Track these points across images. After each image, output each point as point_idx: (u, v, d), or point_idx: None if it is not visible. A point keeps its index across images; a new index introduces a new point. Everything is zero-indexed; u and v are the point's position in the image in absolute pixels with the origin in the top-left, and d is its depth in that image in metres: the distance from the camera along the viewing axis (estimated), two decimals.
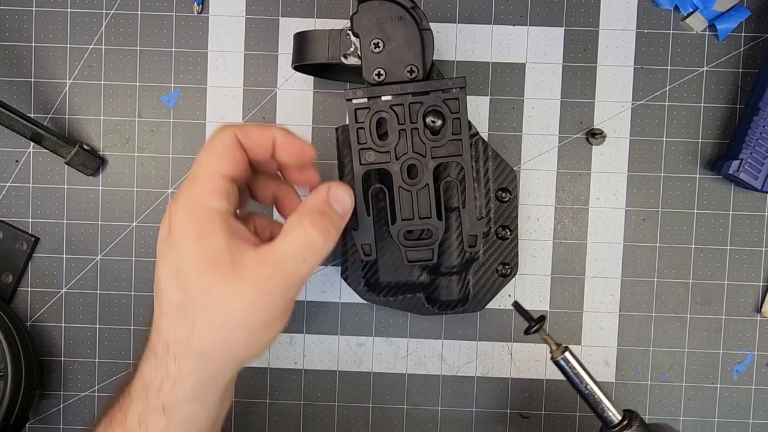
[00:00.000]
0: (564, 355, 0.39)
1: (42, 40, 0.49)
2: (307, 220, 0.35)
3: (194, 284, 0.33)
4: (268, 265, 0.34)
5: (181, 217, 0.34)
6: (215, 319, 0.33)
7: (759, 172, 0.46)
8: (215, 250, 0.33)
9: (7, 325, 0.47)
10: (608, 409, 0.38)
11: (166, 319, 0.34)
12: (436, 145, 0.41)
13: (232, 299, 0.33)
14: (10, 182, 0.50)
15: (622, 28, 0.49)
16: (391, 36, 0.41)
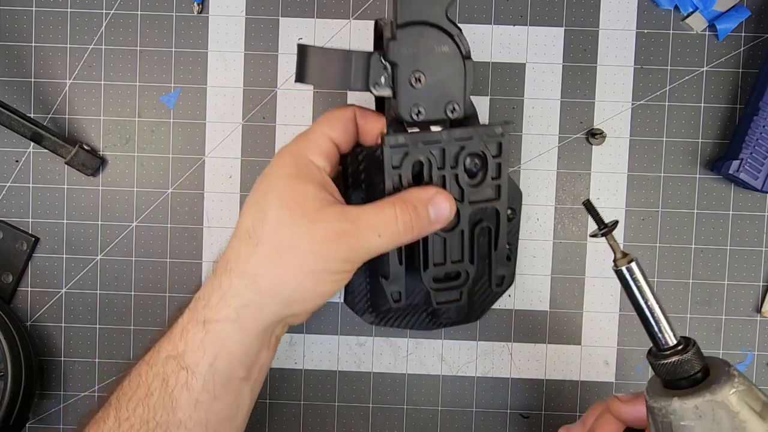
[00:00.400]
0: (629, 266, 0.33)
1: (42, 40, 0.49)
2: (398, 205, 0.36)
3: (272, 213, 0.35)
4: (346, 222, 0.35)
5: (284, 158, 0.37)
6: (277, 250, 0.35)
7: (759, 172, 0.46)
8: (303, 192, 0.35)
9: (7, 325, 0.47)
10: (665, 329, 0.34)
11: (235, 240, 0.36)
12: (474, 189, 0.38)
13: (301, 237, 0.35)
14: (10, 182, 0.50)
15: (622, 28, 0.49)
16: (433, 69, 0.36)
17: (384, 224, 0.35)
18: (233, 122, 0.49)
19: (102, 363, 0.50)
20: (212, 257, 0.50)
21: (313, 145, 0.38)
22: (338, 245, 0.35)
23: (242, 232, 0.36)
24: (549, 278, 0.50)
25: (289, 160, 0.37)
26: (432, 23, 0.35)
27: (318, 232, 0.35)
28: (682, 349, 0.33)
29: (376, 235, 0.35)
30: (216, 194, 0.50)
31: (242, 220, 0.37)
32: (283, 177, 0.36)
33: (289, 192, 0.35)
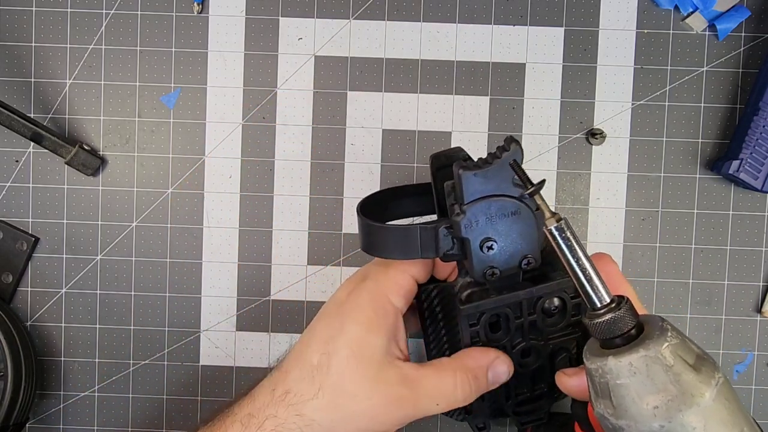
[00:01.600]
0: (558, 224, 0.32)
1: (42, 40, 0.49)
2: (459, 375, 0.36)
3: (338, 362, 0.35)
4: (406, 388, 0.35)
5: (363, 299, 0.36)
6: (337, 402, 0.35)
7: (759, 172, 0.46)
8: (373, 345, 0.35)
9: (7, 325, 0.47)
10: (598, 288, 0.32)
11: (298, 371, 0.36)
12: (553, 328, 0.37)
13: (360, 395, 0.35)
14: (10, 182, 0.50)
15: (622, 28, 0.49)
16: (505, 233, 0.34)
17: (443, 394, 0.36)
18: (233, 122, 0.49)
19: (102, 363, 0.50)
20: (212, 257, 0.50)
21: (393, 283, 0.36)
22: (395, 411, 0.35)
23: (306, 368, 0.36)
24: None
25: (368, 301, 0.36)
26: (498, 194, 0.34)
27: (377, 395, 0.35)
28: (615, 307, 0.32)
29: (434, 404, 0.36)
30: (216, 194, 0.50)
31: (309, 353, 0.36)
32: (357, 323, 0.35)
33: (359, 343, 0.35)
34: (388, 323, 0.36)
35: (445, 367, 0.36)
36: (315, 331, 0.37)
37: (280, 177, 0.50)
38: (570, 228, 0.33)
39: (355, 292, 0.37)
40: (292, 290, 0.50)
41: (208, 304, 0.50)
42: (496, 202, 0.34)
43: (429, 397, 0.36)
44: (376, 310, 0.36)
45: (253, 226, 0.50)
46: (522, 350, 0.37)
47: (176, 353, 0.50)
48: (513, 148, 0.33)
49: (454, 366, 0.36)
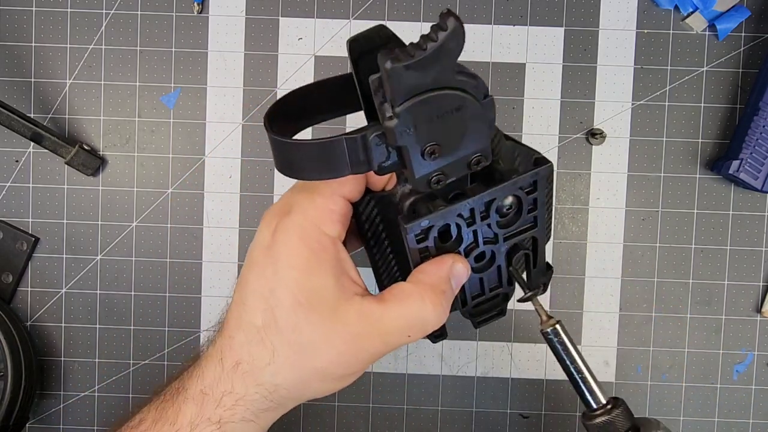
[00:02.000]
0: (554, 328, 0.34)
1: (42, 40, 0.49)
2: (428, 297, 0.32)
3: (285, 315, 0.31)
4: (371, 325, 0.31)
5: (292, 239, 0.31)
6: (297, 359, 0.31)
7: (759, 172, 0.46)
8: (319, 288, 0.31)
9: (7, 325, 0.47)
10: (594, 390, 0.34)
11: (243, 335, 0.32)
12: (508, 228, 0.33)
13: (321, 345, 0.31)
14: (10, 182, 0.50)
15: (622, 28, 0.49)
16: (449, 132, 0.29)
17: (413, 321, 0.32)
18: (233, 122, 0.49)
19: (102, 363, 0.50)
20: (212, 257, 0.50)
21: (324, 211, 0.32)
22: (362, 350, 0.32)
23: (252, 331, 0.32)
24: None
25: (298, 244, 0.31)
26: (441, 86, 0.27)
27: (339, 337, 0.31)
28: (610, 409, 0.34)
29: (405, 335, 0.32)
30: (216, 194, 0.50)
31: (248, 313, 0.32)
32: (294, 270, 0.31)
33: (302, 288, 0.31)
34: (329, 258, 0.31)
35: (407, 294, 0.32)
36: (248, 284, 0.32)
37: (280, 177, 0.50)
38: (565, 330, 0.34)
39: (281, 230, 0.31)
40: None
41: (208, 304, 0.50)
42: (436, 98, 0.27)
43: (398, 328, 0.32)
44: (311, 246, 0.31)
45: (253, 226, 0.50)
46: (476, 255, 0.34)
47: (176, 353, 0.50)
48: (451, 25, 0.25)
49: (418, 290, 0.32)
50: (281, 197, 0.33)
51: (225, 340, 0.33)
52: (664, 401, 0.50)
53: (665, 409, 0.50)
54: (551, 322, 0.35)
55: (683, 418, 0.50)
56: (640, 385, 0.50)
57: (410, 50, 0.26)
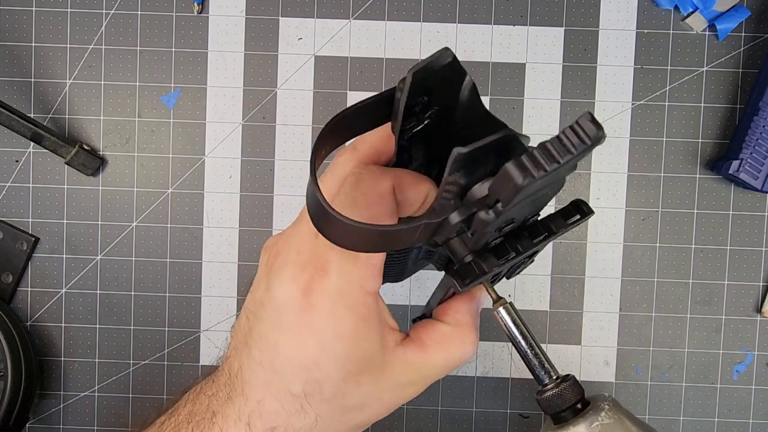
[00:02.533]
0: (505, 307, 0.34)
1: (42, 40, 0.49)
2: (467, 338, 0.32)
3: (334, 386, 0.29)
4: (415, 373, 0.31)
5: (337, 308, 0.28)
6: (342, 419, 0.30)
7: (759, 172, 0.46)
8: (368, 353, 0.29)
9: (7, 325, 0.47)
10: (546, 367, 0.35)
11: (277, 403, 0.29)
12: None
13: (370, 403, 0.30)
14: (10, 182, 0.50)
15: (622, 28, 0.49)
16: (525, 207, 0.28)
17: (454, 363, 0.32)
18: (233, 122, 0.49)
19: (102, 363, 0.50)
20: (212, 257, 0.50)
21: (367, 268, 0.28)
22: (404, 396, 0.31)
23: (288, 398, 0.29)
24: (549, 278, 0.50)
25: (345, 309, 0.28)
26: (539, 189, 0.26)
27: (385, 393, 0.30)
28: (559, 382, 0.35)
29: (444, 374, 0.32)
30: (216, 194, 0.50)
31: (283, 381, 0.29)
32: (341, 338, 0.28)
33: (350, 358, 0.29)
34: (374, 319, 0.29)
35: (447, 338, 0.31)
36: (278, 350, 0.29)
37: (280, 177, 0.50)
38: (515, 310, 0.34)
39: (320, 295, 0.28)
40: None
41: (208, 304, 0.50)
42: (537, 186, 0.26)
43: (440, 373, 0.31)
44: (359, 314, 0.28)
45: (253, 226, 0.50)
46: None
47: (176, 353, 0.50)
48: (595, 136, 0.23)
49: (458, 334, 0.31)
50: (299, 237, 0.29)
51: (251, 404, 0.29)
52: (664, 401, 0.50)
53: (665, 409, 0.50)
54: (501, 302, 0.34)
55: (683, 418, 0.50)
56: (640, 385, 0.50)
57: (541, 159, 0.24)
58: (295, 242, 0.29)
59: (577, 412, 0.35)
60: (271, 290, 0.29)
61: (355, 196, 0.28)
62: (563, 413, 0.35)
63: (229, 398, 0.30)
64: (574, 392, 0.35)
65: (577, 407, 0.35)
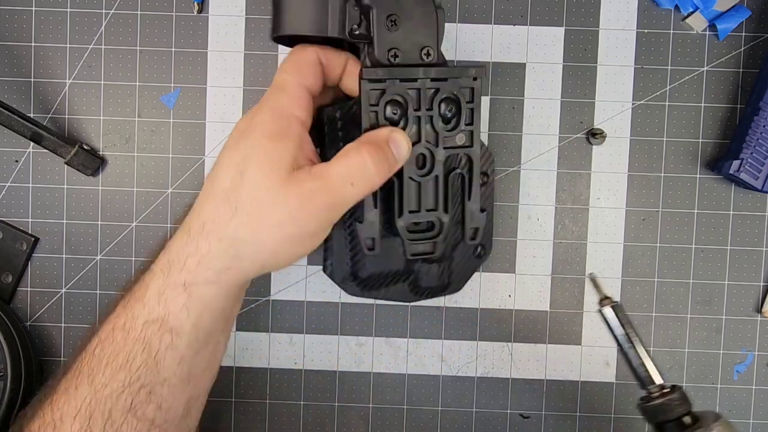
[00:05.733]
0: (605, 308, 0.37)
1: (42, 40, 0.49)
2: (364, 148, 0.36)
3: (251, 176, 0.35)
4: (318, 180, 0.35)
5: (266, 116, 0.36)
6: (257, 214, 0.35)
7: (759, 172, 0.46)
8: (283, 154, 0.35)
9: (6, 325, 0.47)
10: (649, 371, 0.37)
11: (210, 201, 0.36)
12: (448, 135, 0.39)
13: (277, 202, 0.35)
14: (10, 182, 0.50)
15: (622, 28, 0.49)
16: (407, 13, 0.37)
17: (354, 170, 0.36)
18: (233, 122, 0.49)
19: None
20: None
21: (292, 97, 0.37)
22: (313, 206, 0.35)
23: (219, 194, 0.36)
24: (549, 278, 0.50)
25: (270, 118, 0.36)
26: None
27: (292, 197, 0.35)
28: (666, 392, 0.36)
29: (348, 184, 0.36)
30: None
31: (219, 180, 0.36)
32: (264, 138, 0.36)
33: (268, 155, 0.35)
34: (294, 132, 0.36)
35: (348, 149, 0.36)
36: (222, 160, 0.37)
37: None
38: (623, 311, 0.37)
39: (257, 113, 0.37)
40: (292, 290, 0.50)
41: None
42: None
43: (341, 179, 0.36)
44: (280, 120, 0.36)
45: None
46: (417, 157, 0.39)
47: None
48: None
49: (355, 144, 0.36)
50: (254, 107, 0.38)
51: (192, 215, 0.37)
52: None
53: None
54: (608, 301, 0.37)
55: None
56: None
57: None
58: None
59: (683, 426, 0.35)
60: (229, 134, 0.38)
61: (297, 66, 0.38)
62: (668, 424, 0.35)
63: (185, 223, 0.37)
64: (683, 405, 0.35)
65: (683, 421, 0.35)
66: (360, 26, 0.37)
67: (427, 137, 0.39)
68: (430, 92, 0.38)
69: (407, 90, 0.38)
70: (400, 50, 0.37)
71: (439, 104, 0.39)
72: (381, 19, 0.37)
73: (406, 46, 0.38)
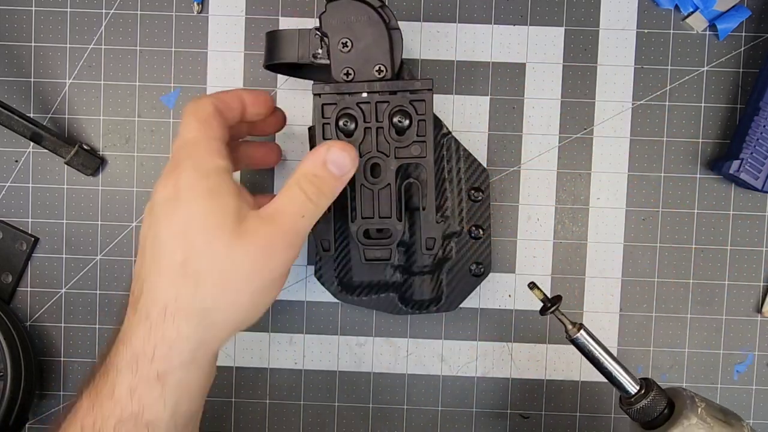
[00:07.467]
0: (580, 333, 0.39)
1: (42, 40, 0.49)
2: (302, 181, 0.36)
3: (202, 241, 0.33)
4: (270, 223, 0.35)
5: (191, 176, 0.34)
6: (221, 278, 0.33)
7: (759, 171, 0.46)
8: (225, 209, 0.34)
9: (6, 326, 0.47)
10: (626, 381, 0.39)
11: (164, 279, 0.33)
12: (401, 146, 0.41)
13: (238, 258, 0.33)
14: (10, 182, 0.50)
15: (622, 28, 0.49)
16: (359, 36, 0.40)
17: (299, 205, 0.36)
18: None
19: None
20: None
21: (208, 150, 0.36)
22: (273, 247, 0.35)
23: (173, 269, 0.33)
24: (549, 278, 0.50)
25: (197, 177, 0.34)
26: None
27: (250, 245, 0.34)
28: (645, 393, 0.38)
29: (299, 217, 0.36)
30: None
31: (167, 255, 0.34)
32: (199, 199, 0.34)
33: (213, 214, 0.34)
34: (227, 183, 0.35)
35: (288, 184, 0.36)
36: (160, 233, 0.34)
37: (280, 177, 0.50)
38: (590, 334, 0.40)
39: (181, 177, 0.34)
40: (292, 290, 0.50)
41: None
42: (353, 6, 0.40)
43: (290, 214, 0.35)
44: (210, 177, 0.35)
45: None
46: (371, 167, 0.41)
47: None
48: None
49: (293, 179, 0.36)
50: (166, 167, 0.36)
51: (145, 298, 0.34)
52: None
53: None
54: (576, 327, 0.39)
55: None
56: None
57: None
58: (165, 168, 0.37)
59: (666, 416, 0.37)
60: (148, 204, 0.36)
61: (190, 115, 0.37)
62: (657, 418, 0.37)
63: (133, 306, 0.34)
64: (663, 396, 0.38)
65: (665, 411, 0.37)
66: (322, 52, 0.41)
67: (380, 147, 0.41)
68: (382, 106, 0.40)
69: (358, 104, 0.40)
70: (353, 69, 0.40)
71: (391, 116, 0.40)
72: (335, 43, 0.40)
73: (360, 65, 0.40)
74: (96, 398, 0.33)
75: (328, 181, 0.37)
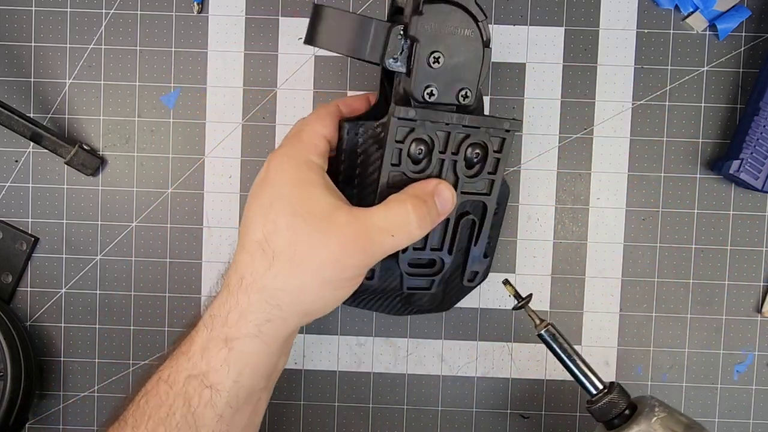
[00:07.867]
0: (547, 328, 0.40)
1: (42, 40, 0.49)
2: (410, 202, 0.36)
3: (284, 224, 0.34)
4: (359, 224, 0.35)
5: (283, 164, 0.36)
6: (294, 262, 0.34)
7: (759, 172, 0.46)
8: (313, 198, 0.35)
9: (6, 326, 0.47)
10: (588, 380, 0.40)
11: (246, 254, 0.35)
12: (469, 180, 0.38)
13: (317, 247, 0.34)
14: (10, 182, 0.50)
15: (623, 28, 0.49)
16: (453, 51, 0.35)
17: (396, 223, 0.35)
18: (233, 122, 0.49)
19: (102, 363, 0.50)
20: (212, 257, 0.50)
21: (308, 145, 0.37)
22: (354, 251, 0.35)
23: (253, 246, 0.35)
24: (549, 278, 0.50)
25: (290, 164, 0.36)
26: (460, 4, 0.35)
27: (333, 241, 0.34)
28: (607, 392, 0.39)
29: (389, 236, 0.35)
30: (216, 194, 0.50)
31: (250, 232, 0.35)
32: (289, 184, 0.35)
33: (298, 200, 0.35)
34: (318, 177, 0.36)
35: (392, 200, 0.36)
36: (249, 212, 0.36)
37: None
38: (557, 330, 0.41)
39: (274, 162, 0.36)
40: None
41: None
42: (456, 14, 0.35)
43: (382, 228, 0.35)
44: (302, 170, 0.36)
45: None
46: None
47: None
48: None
49: (401, 197, 0.36)
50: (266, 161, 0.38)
51: (230, 269, 0.36)
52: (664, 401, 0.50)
53: None
54: (544, 324, 0.40)
55: None
56: (640, 385, 0.50)
57: None
58: None
59: (625, 418, 0.39)
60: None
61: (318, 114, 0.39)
62: (615, 419, 0.39)
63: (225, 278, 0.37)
64: (624, 398, 0.39)
65: (625, 412, 0.39)
66: (401, 56, 0.35)
67: (447, 178, 0.38)
68: (460, 136, 0.37)
69: (436, 131, 0.37)
70: (436, 88, 0.36)
71: (466, 149, 0.37)
72: (424, 54, 0.35)
73: (444, 85, 0.36)
74: (175, 354, 0.36)
75: (431, 212, 0.36)
